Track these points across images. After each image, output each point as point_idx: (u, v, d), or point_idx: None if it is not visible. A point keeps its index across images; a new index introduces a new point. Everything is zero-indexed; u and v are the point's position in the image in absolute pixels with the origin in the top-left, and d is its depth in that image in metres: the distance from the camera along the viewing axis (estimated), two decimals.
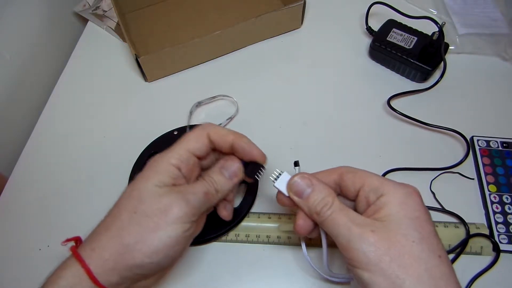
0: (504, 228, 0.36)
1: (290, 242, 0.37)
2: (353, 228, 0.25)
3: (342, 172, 0.29)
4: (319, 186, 0.28)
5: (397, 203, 0.25)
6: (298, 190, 0.28)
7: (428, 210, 0.26)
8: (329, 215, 0.26)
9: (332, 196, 0.27)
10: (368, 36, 0.52)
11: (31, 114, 0.50)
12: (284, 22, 0.52)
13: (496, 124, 0.43)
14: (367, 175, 0.28)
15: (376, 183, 0.27)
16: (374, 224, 0.25)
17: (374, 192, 0.26)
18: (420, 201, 0.26)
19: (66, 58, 0.53)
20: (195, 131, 0.30)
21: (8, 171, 0.44)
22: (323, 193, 0.27)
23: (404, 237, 0.24)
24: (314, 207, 0.27)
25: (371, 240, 0.24)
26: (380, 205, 0.26)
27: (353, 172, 0.28)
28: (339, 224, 0.26)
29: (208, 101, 0.47)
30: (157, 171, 0.28)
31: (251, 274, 0.36)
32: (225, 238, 0.37)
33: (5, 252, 0.38)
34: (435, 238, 0.25)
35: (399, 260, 0.23)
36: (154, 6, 0.58)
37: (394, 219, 0.25)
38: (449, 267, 0.24)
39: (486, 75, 0.48)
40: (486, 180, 0.39)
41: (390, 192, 0.26)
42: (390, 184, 0.26)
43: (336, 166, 0.29)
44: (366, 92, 0.47)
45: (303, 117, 0.46)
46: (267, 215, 0.38)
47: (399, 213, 0.25)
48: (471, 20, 0.52)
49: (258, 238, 0.37)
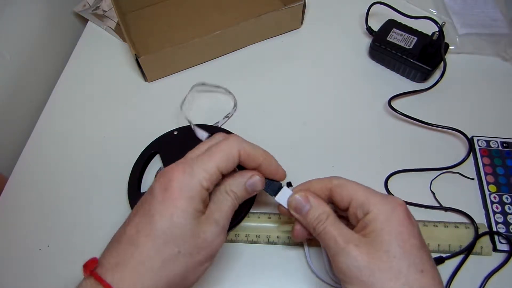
0: (504, 228, 0.36)
1: (290, 242, 0.37)
2: (339, 242, 0.26)
3: (332, 187, 0.30)
4: (316, 203, 0.29)
5: (382, 220, 0.26)
6: (297, 207, 0.30)
7: (416, 223, 0.27)
8: (321, 230, 0.28)
9: (327, 213, 0.28)
10: (368, 36, 0.52)
11: (31, 114, 0.50)
12: (284, 22, 0.52)
13: (496, 124, 0.43)
14: (354, 189, 0.29)
15: (362, 199, 0.28)
16: (359, 239, 0.26)
17: (360, 208, 0.28)
18: (404, 215, 0.27)
19: (66, 58, 0.53)
20: (226, 147, 0.28)
21: (8, 171, 0.44)
22: (319, 210, 0.29)
23: (385, 253, 0.25)
24: (311, 223, 0.29)
25: (354, 254, 0.26)
26: (366, 221, 0.27)
27: (341, 186, 0.29)
28: (329, 238, 0.27)
29: (211, 88, 0.47)
30: (191, 197, 0.26)
31: (251, 274, 0.36)
32: None
33: (5, 252, 0.38)
34: (420, 251, 0.25)
35: (378, 275, 0.25)
36: (154, 6, 0.58)
37: (378, 236, 0.26)
38: (432, 280, 0.25)
39: (486, 75, 0.48)
40: (486, 180, 0.39)
41: (375, 210, 0.27)
42: (375, 201, 0.27)
43: (328, 177, 0.31)
44: (366, 92, 0.47)
45: (303, 117, 0.46)
46: (267, 215, 0.38)
47: (383, 230, 0.26)
48: (471, 20, 0.52)
49: (258, 238, 0.37)
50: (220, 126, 0.45)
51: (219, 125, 0.45)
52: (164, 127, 0.44)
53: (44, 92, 0.51)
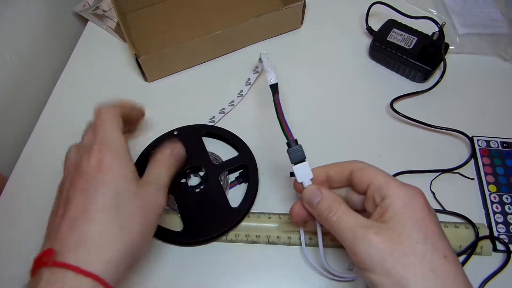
0: (504, 228, 0.36)
1: (290, 242, 0.37)
2: (357, 231, 0.26)
3: (352, 169, 0.30)
4: (326, 194, 0.29)
5: (401, 204, 0.26)
6: (309, 200, 0.30)
7: (434, 212, 0.26)
8: (335, 220, 0.27)
9: (338, 201, 0.28)
10: (368, 36, 0.52)
11: (31, 114, 0.49)
12: (284, 22, 0.52)
13: (496, 124, 0.43)
14: (374, 173, 0.28)
15: (381, 182, 0.27)
16: (378, 226, 0.25)
17: (378, 192, 0.27)
18: (424, 202, 0.26)
19: (66, 58, 0.53)
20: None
21: (8, 171, 0.44)
22: (330, 200, 0.28)
23: (408, 238, 0.24)
24: (321, 213, 0.28)
25: (375, 242, 0.25)
26: (384, 207, 0.26)
27: (362, 169, 0.29)
28: (344, 228, 0.26)
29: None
30: (124, 164, 0.29)
31: (251, 274, 0.36)
32: (225, 238, 0.37)
33: (5, 252, 0.38)
34: (441, 238, 0.25)
35: (403, 261, 0.24)
36: (154, 6, 0.58)
37: (398, 221, 0.25)
38: (456, 266, 0.24)
39: (486, 75, 0.48)
40: (486, 180, 0.39)
41: (394, 194, 0.26)
42: (394, 185, 0.27)
43: (349, 160, 0.31)
44: (366, 92, 0.47)
45: (303, 117, 0.46)
46: (267, 215, 0.38)
47: (404, 215, 0.25)
48: (471, 20, 0.52)
49: (258, 238, 0.37)
50: (215, 124, 0.45)
51: (215, 120, 0.45)
52: (164, 127, 0.44)
53: (44, 92, 0.51)
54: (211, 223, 0.37)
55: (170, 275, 0.36)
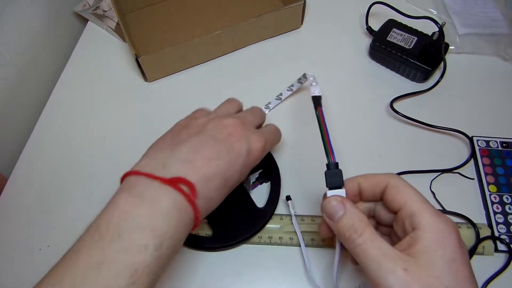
0: (505, 228, 0.36)
1: (292, 243, 0.37)
2: (384, 263, 0.24)
3: (387, 185, 0.27)
4: (350, 210, 0.26)
5: (434, 240, 0.24)
6: (331, 212, 0.27)
7: (466, 250, 0.25)
8: (359, 245, 0.25)
9: (364, 222, 0.26)
10: (368, 36, 0.52)
11: (31, 114, 0.49)
12: (284, 22, 0.52)
13: (495, 124, 0.43)
14: (408, 195, 0.26)
15: (414, 209, 0.25)
16: (407, 261, 0.23)
17: (410, 219, 0.25)
18: (457, 239, 0.24)
19: (66, 58, 0.53)
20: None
21: (8, 171, 0.44)
22: (354, 219, 0.26)
23: (438, 280, 0.23)
24: (343, 232, 0.26)
25: (403, 279, 0.23)
26: (415, 238, 0.24)
27: (397, 188, 0.27)
28: (370, 257, 0.24)
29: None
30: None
31: (252, 275, 0.36)
32: None
33: (5, 252, 0.38)
34: (472, 284, 0.24)
35: None
36: (154, 6, 0.58)
37: (429, 259, 0.23)
38: None
39: (486, 75, 0.48)
40: (486, 180, 0.39)
41: (427, 226, 0.24)
42: (428, 215, 0.25)
43: (385, 174, 0.28)
44: (366, 92, 0.47)
45: (303, 117, 0.46)
46: None
47: (435, 253, 0.23)
48: (471, 20, 0.52)
49: (260, 239, 0.37)
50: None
51: None
52: (164, 127, 0.44)
53: (44, 92, 0.51)
54: (240, 226, 0.37)
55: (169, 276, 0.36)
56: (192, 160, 0.27)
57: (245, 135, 0.31)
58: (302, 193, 0.40)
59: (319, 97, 0.34)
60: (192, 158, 0.27)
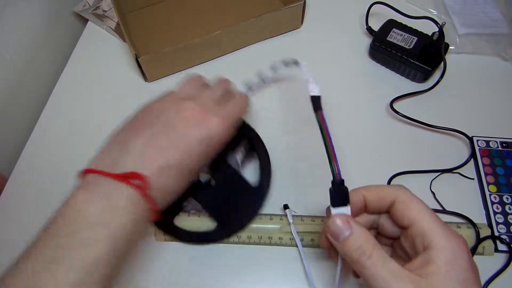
0: (505, 228, 0.36)
1: (292, 244, 0.37)
2: (394, 285, 0.23)
3: (395, 199, 0.26)
4: (357, 230, 0.25)
5: (446, 261, 0.23)
6: (336, 233, 0.26)
7: (476, 266, 0.24)
8: (368, 266, 0.24)
9: (371, 243, 0.25)
10: (368, 36, 0.52)
11: (31, 114, 0.49)
12: (284, 22, 0.52)
13: (495, 124, 0.43)
14: (419, 212, 0.25)
15: (426, 228, 0.25)
16: (418, 282, 0.23)
17: (421, 238, 0.25)
18: (469, 258, 0.24)
19: (66, 58, 0.53)
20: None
21: (8, 171, 0.44)
22: (361, 240, 0.25)
23: None
24: (350, 253, 0.25)
25: None
26: (427, 259, 0.24)
27: (406, 204, 0.26)
28: (379, 278, 0.23)
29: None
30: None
31: (252, 275, 0.36)
32: (227, 239, 0.37)
33: (5, 252, 0.38)
34: None
35: None
36: (154, 6, 0.58)
37: (441, 280, 0.23)
38: None
39: (486, 75, 0.48)
40: (486, 181, 0.39)
41: (439, 246, 0.24)
42: (439, 233, 0.24)
43: (392, 186, 0.27)
44: (366, 92, 0.47)
45: (303, 117, 0.46)
46: (269, 216, 0.38)
47: (448, 273, 0.23)
48: (471, 20, 0.52)
49: (260, 239, 0.37)
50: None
51: None
52: None
53: (44, 92, 0.51)
54: (241, 209, 0.36)
55: (169, 275, 0.36)
56: (145, 153, 0.27)
57: (203, 120, 0.30)
58: (302, 192, 0.40)
59: (318, 97, 0.32)
60: (145, 151, 0.28)
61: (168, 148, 0.28)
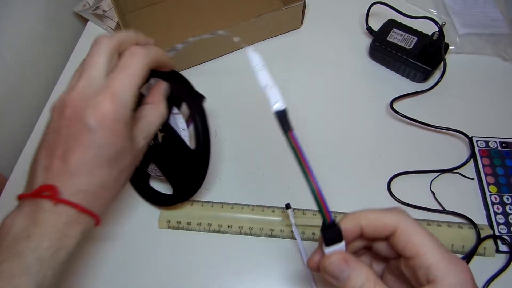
0: (506, 229, 0.36)
1: (294, 237, 0.37)
2: None
3: (395, 229, 0.25)
4: (356, 269, 0.24)
5: None
6: (334, 273, 0.24)
7: None
8: None
9: (372, 280, 0.24)
10: (368, 36, 0.52)
11: (31, 114, 0.49)
12: (284, 22, 0.52)
13: (495, 124, 0.43)
14: (422, 244, 0.24)
15: (430, 261, 0.24)
16: None
17: (425, 271, 0.24)
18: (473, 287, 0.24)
19: (66, 58, 0.53)
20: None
21: (8, 171, 0.44)
22: (362, 279, 0.24)
23: None
24: None
25: None
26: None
27: (408, 234, 0.25)
28: None
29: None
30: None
31: (251, 266, 0.36)
32: (228, 229, 0.37)
33: None
34: None
35: None
36: (154, 6, 0.58)
37: None
38: None
39: (486, 75, 0.48)
40: (486, 181, 0.39)
41: (444, 280, 0.23)
42: (444, 265, 0.23)
43: (391, 212, 0.26)
44: (366, 92, 0.47)
45: (303, 117, 0.46)
46: (271, 208, 0.38)
47: None
48: (471, 20, 0.52)
49: (262, 231, 0.37)
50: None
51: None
52: None
53: (44, 92, 0.51)
54: (188, 174, 0.35)
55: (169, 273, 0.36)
56: (49, 165, 0.27)
57: (79, 115, 0.27)
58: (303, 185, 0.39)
59: (284, 112, 0.26)
60: (48, 163, 0.27)
61: (66, 152, 0.27)
